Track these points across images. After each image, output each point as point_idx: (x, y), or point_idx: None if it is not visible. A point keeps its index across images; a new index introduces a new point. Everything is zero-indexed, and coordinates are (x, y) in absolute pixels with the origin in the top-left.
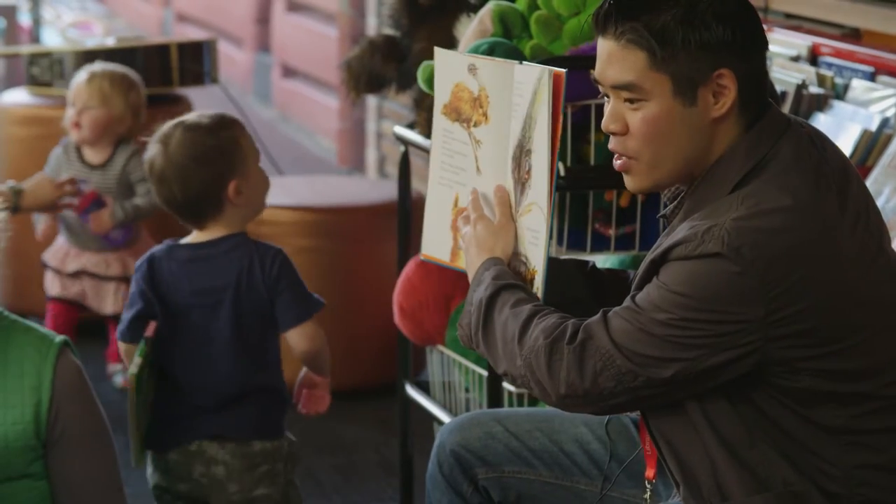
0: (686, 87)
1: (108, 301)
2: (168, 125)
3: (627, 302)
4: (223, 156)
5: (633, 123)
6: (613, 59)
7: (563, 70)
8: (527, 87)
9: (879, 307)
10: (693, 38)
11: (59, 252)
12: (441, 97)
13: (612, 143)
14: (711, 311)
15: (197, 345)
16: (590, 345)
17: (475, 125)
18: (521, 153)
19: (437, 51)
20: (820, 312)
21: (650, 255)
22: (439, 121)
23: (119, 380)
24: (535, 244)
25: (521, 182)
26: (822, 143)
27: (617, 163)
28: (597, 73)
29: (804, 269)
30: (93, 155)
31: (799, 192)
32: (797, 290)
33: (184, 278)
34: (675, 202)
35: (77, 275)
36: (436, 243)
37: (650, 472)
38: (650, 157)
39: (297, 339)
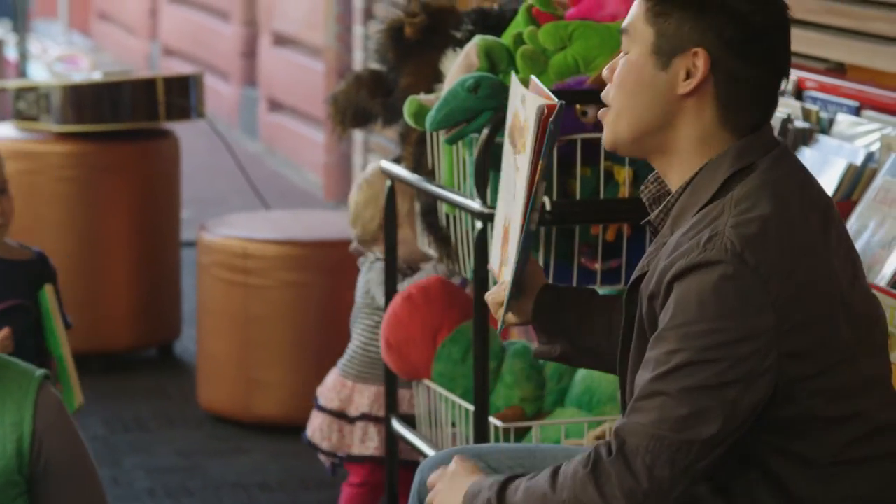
0: (664, 48)
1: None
2: None
3: (638, 381)
4: None
5: (616, 70)
6: (633, 3)
7: (558, 102)
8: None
9: (859, 327)
10: (690, 9)
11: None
12: (508, 121)
13: (603, 92)
14: (726, 330)
15: None
16: (629, 445)
17: (518, 152)
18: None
19: (515, 78)
20: (819, 325)
21: (649, 287)
22: (506, 142)
23: None
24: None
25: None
26: (808, 173)
27: (599, 112)
28: None
29: (804, 276)
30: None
31: (788, 204)
32: (800, 299)
33: None
34: (661, 207)
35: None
36: (494, 256)
37: None
38: (617, 106)
39: None
